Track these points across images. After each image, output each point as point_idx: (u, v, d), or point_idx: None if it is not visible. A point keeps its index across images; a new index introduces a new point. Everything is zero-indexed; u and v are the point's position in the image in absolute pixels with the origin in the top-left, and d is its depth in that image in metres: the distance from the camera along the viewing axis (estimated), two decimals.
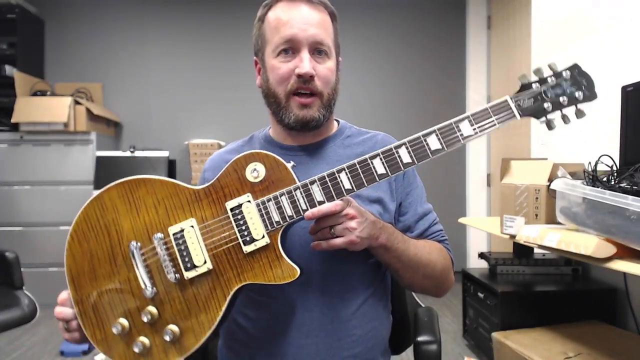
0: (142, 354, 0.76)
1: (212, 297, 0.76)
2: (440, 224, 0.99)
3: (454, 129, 0.74)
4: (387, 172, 0.75)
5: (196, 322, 0.76)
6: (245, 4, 3.71)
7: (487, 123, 0.74)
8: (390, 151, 0.75)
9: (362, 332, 0.87)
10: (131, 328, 0.77)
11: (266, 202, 0.76)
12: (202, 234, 0.77)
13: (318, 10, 0.87)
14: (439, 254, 0.92)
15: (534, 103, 0.73)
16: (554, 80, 0.73)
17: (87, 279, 0.78)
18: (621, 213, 1.07)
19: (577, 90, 0.73)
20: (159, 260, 0.77)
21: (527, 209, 1.57)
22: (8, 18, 3.29)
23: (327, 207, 0.74)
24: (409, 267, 0.86)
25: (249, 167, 0.78)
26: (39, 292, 2.01)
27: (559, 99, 0.73)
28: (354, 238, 0.75)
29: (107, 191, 0.81)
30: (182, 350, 0.76)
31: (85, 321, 0.78)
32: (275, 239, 0.76)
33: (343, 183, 0.75)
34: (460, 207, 3.80)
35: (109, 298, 0.78)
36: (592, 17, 2.03)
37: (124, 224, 0.79)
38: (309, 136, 0.93)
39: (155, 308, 0.77)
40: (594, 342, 1.69)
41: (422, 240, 0.93)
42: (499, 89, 3.57)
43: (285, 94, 0.86)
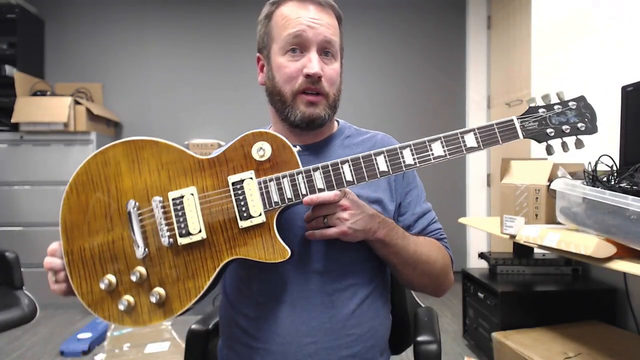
0: (126, 311, 0.77)
1: (202, 266, 0.77)
2: (439, 223, 0.99)
3: (458, 138, 0.76)
4: (388, 170, 0.77)
5: (183, 288, 0.77)
6: (245, 4, 3.71)
7: (491, 138, 0.76)
8: (395, 151, 0.77)
9: (361, 332, 0.87)
10: (118, 285, 0.77)
11: (268, 181, 0.77)
12: (200, 203, 0.78)
13: (326, 12, 0.88)
14: (438, 252, 0.93)
15: (538, 127, 0.76)
16: (560, 108, 0.76)
17: (80, 231, 0.79)
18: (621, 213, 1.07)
19: (580, 121, 0.76)
20: (155, 223, 0.78)
21: (527, 209, 1.57)
22: (8, 18, 3.29)
23: (325, 195, 0.76)
24: (407, 263, 0.87)
25: (255, 145, 0.79)
26: (39, 292, 2.00)
27: (561, 127, 0.76)
28: (345, 229, 0.77)
29: (113, 147, 0.81)
30: (166, 314, 0.77)
31: (72, 272, 0.79)
32: (271, 218, 0.77)
33: (345, 174, 0.77)
34: (460, 207, 3.80)
35: (100, 253, 0.78)
36: (592, 17, 2.03)
37: (124, 181, 0.79)
38: (310, 135, 0.93)
39: (145, 269, 0.77)
40: (594, 342, 1.69)
41: (422, 237, 0.93)
42: (499, 89, 3.57)
43: (292, 93, 0.87)
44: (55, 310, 3.07)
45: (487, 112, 3.77)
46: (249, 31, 0.95)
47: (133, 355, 2.20)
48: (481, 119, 3.78)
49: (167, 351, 2.23)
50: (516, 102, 3.23)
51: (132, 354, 2.21)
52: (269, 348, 0.85)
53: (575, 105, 0.76)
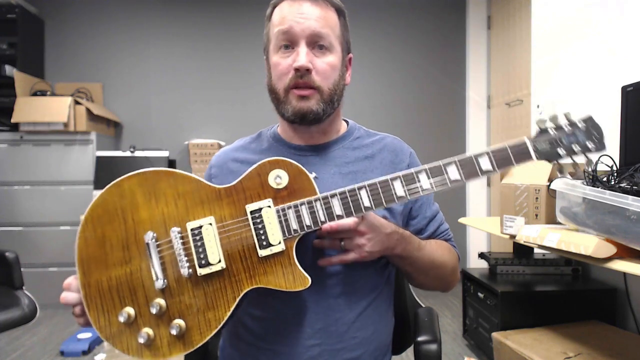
0: (146, 345, 0.75)
1: (222, 296, 0.77)
2: (446, 222, 1.01)
3: (473, 162, 0.77)
4: (406, 195, 0.76)
5: (203, 319, 0.76)
6: (245, 5, 3.71)
7: (505, 161, 0.78)
8: (411, 176, 0.77)
9: (365, 335, 0.88)
10: (137, 318, 0.76)
11: (286, 209, 0.77)
12: (219, 233, 0.78)
13: (320, 6, 0.87)
14: (449, 255, 0.95)
15: (550, 148, 0.78)
16: (569, 128, 0.78)
17: (97, 263, 0.78)
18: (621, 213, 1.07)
19: (589, 140, 0.78)
20: (174, 254, 0.77)
21: (527, 209, 1.57)
22: (8, 18, 3.29)
23: (344, 222, 0.76)
24: (422, 271, 0.89)
25: (272, 173, 0.79)
26: (39, 292, 2.01)
27: (572, 147, 0.78)
28: (364, 254, 0.78)
29: (128, 179, 0.80)
30: (187, 346, 0.76)
31: (90, 305, 0.77)
32: (290, 246, 0.77)
33: (362, 200, 0.76)
34: (460, 207, 3.80)
35: (118, 285, 0.77)
36: (592, 17, 2.03)
37: (141, 213, 0.79)
38: (315, 135, 0.93)
39: (164, 300, 0.76)
40: (594, 342, 1.69)
41: (434, 241, 0.95)
42: (499, 89, 3.57)
43: (284, 89, 0.86)
44: (55, 310, 3.07)
45: (487, 112, 3.77)
46: (249, 31, 0.95)
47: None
48: (481, 119, 3.78)
49: None
50: (516, 102, 3.23)
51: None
52: (274, 348, 0.86)
53: (584, 125, 0.78)
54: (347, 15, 0.96)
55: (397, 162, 0.94)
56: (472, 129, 3.81)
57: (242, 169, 0.91)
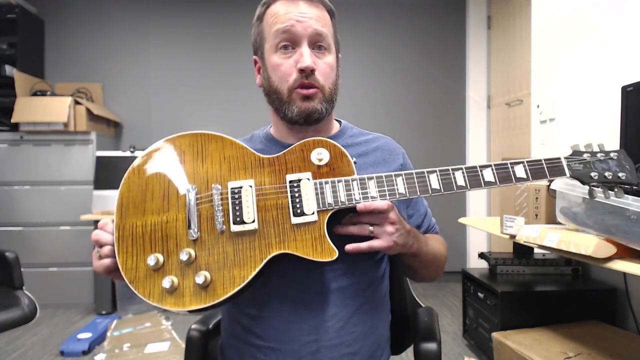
0: (170, 291, 0.76)
1: (251, 255, 0.78)
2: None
3: (508, 168, 0.81)
4: (440, 188, 0.81)
5: (228, 275, 0.77)
6: (245, 4, 3.71)
7: (539, 172, 0.81)
8: (448, 171, 0.81)
9: (362, 330, 0.88)
10: (164, 264, 0.77)
11: (324, 183, 0.80)
12: (257, 195, 0.80)
13: (316, 6, 0.88)
14: (443, 247, 1.00)
15: (582, 169, 0.81)
16: (603, 156, 0.82)
17: (136, 208, 0.80)
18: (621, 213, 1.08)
19: (621, 171, 0.81)
20: (211, 208, 0.79)
21: (527, 209, 1.57)
22: (8, 18, 3.29)
23: (379, 203, 0.78)
24: (425, 265, 0.93)
25: (315, 150, 0.83)
26: (39, 292, 2.01)
27: (604, 173, 0.81)
28: (392, 243, 0.80)
29: (180, 137, 0.85)
30: (208, 299, 0.76)
31: (120, 247, 0.78)
32: (323, 218, 0.79)
33: (398, 186, 0.80)
34: (460, 207, 3.80)
35: (152, 231, 0.79)
36: (592, 17, 2.03)
37: (187, 168, 0.82)
38: (310, 134, 0.93)
39: (194, 251, 0.78)
40: (594, 342, 1.69)
41: (430, 235, 0.99)
42: (499, 89, 3.57)
43: (288, 90, 0.87)
44: (55, 310, 3.08)
45: (487, 112, 3.77)
46: (249, 31, 0.95)
47: (133, 355, 2.20)
48: (481, 119, 3.78)
49: (167, 351, 2.24)
50: (516, 102, 3.23)
51: (132, 354, 2.21)
52: (271, 346, 0.86)
53: (616, 156, 0.81)
54: (347, 16, 0.97)
55: (390, 160, 0.96)
56: (472, 129, 3.81)
57: None
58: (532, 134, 2.55)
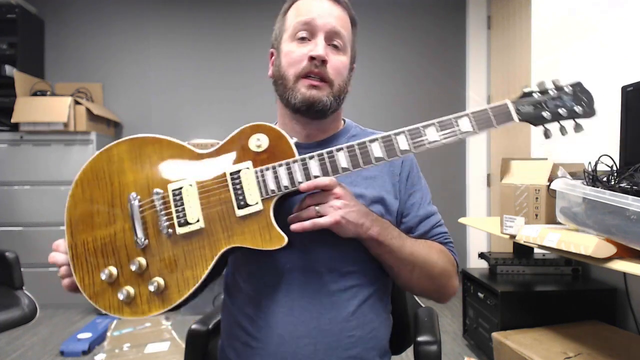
0: (126, 302, 0.78)
1: (201, 255, 0.78)
2: (445, 227, 0.97)
3: (452, 123, 0.78)
4: (383, 156, 0.78)
5: (181, 278, 0.78)
6: (245, 5, 3.71)
7: (486, 122, 0.77)
8: (389, 137, 0.79)
9: (361, 333, 0.87)
10: (119, 276, 0.78)
11: (264, 170, 0.79)
12: (199, 194, 0.79)
13: (341, 8, 0.91)
14: (439, 255, 0.90)
15: (533, 110, 0.76)
16: (555, 92, 0.77)
17: (84, 225, 0.80)
18: (621, 213, 1.07)
19: (577, 104, 0.76)
20: (155, 213, 0.79)
21: (527, 209, 1.57)
22: (8, 18, 3.29)
23: (321, 180, 0.77)
24: (403, 265, 0.85)
25: (253, 137, 0.81)
26: (39, 292, 2.01)
27: (558, 110, 0.76)
28: (338, 218, 0.76)
29: (117, 145, 0.83)
30: (165, 303, 0.78)
31: (76, 265, 0.80)
32: (268, 206, 0.78)
33: (340, 161, 0.78)
34: (460, 207, 3.80)
35: (102, 245, 0.80)
36: (592, 17, 2.03)
37: (127, 176, 0.81)
38: (314, 131, 0.93)
39: (145, 259, 0.78)
40: (594, 342, 1.69)
41: (423, 240, 0.92)
42: (499, 89, 3.57)
43: (295, 76, 0.87)
44: (55, 310, 3.08)
45: None
46: (249, 31, 0.95)
47: (133, 355, 2.20)
48: None
49: (167, 351, 2.24)
50: None
51: (132, 354, 2.21)
52: (267, 348, 0.85)
53: (571, 89, 0.77)
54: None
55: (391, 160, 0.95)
56: None
57: None
58: (532, 133, 2.55)
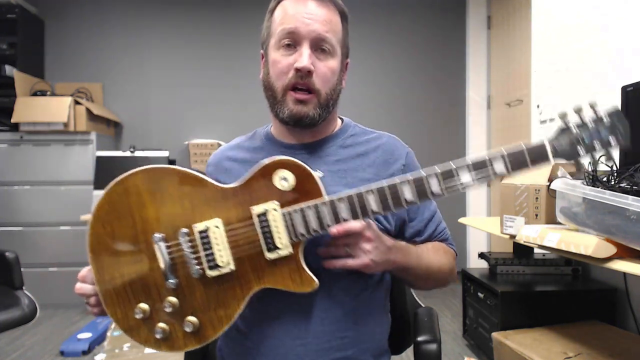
0: (163, 339, 0.78)
1: (232, 296, 0.78)
2: (444, 221, 1.01)
3: (487, 167, 0.73)
4: (415, 200, 0.75)
5: (215, 316, 0.78)
6: (245, 4, 3.71)
7: (521, 164, 0.73)
8: (421, 180, 0.74)
9: (355, 335, 0.86)
10: (152, 313, 0.78)
11: (292, 213, 0.76)
12: (227, 235, 0.78)
13: (326, 7, 0.86)
14: (445, 257, 0.94)
15: (569, 148, 0.73)
16: (594, 126, 0.73)
17: (110, 261, 0.79)
18: (621, 213, 1.07)
19: (611, 135, 0.72)
20: (183, 255, 0.78)
21: (527, 209, 1.57)
22: (8, 18, 3.29)
23: (352, 224, 0.75)
24: (420, 278, 0.90)
25: (278, 175, 0.78)
26: (39, 292, 2.01)
27: (593, 144, 0.73)
28: (367, 261, 0.77)
29: (132, 176, 0.80)
30: (201, 340, 0.79)
31: (106, 300, 0.79)
32: (297, 249, 0.77)
33: (370, 204, 0.75)
34: (460, 207, 3.80)
35: (130, 283, 0.79)
36: (593, 17, 2.03)
37: (149, 212, 0.79)
38: (308, 134, 0.92)
39: (176, 299, 0.78)
40: (594, 342, 1.69)
41: (430, 245, 0.94)
42: (499, 89, 3.57)
43: (282, 88, 0.85)
44: (55, 310, 3.07)
45: (487, 112, 3.77)
46: (249, 31, 0.94)
47: (133, 355, 2.19)
48: (481, 119, 3.78)
49: None
50: (516, 102, 3.23)
51: (132, 354, 2.21)
52: (258, 348, 0.85)
53: (609, 120, 0.72)
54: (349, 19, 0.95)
55: (391, 161, 0.92)
56: (472, 129, 3.81)
57: (235, 167, 0.91)
58: (532, 134, 2.55)
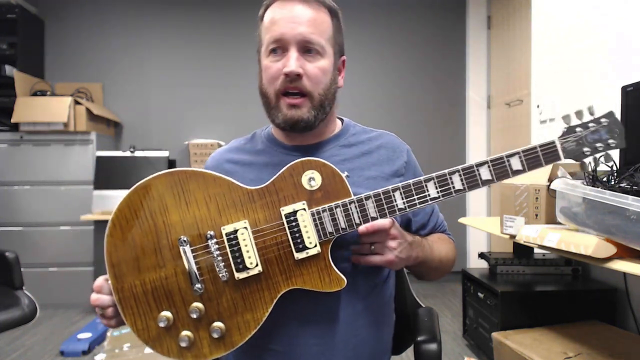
0: (187, 347, 0.76)
1: (260, 298, 0.78)
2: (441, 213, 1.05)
3: (505, 163, 0.77)
4: (439, 196, 0.78)
5: (242, 321, 0.77)
6: (245, 4, 3.71)
7: (535, 161, 0.77)
8: (444, 177, 0.78)
9: (366, 333, 0.88)
10: (175, 321, 0.77)
11: (321, 212, 0.78)
12: (254, 237, 0.78)
13: (312, 7, 0.85)
14: (450, 246, 0.99)
15: (576, 147, 0.78)
16: (595, 126, 0.78)
17: (130, 267, 0.77)
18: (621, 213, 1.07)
19: (610, 137, 0.78)
20: (210, 258, 0.77)
21: (527, 209, 1.57)
22: (8, 18, 3.29)
23: (380, 222, 0.77)
24: (433, 269, 0.94)
25: (305, 175, 0.79)
26: (39, 292, 2.01)
27: (596, 145, 0.78)
28: (392, 257, 0.79)
29: (155, 179, 0.78)
30: (228, 346, 0.77)
31: (125, 310, 0.77)
32: (326, 248, 0.78)
33: (397, 202, 0.78)
34: (460, 207, 3.80)
35: (153, 289, 0.77)
36: (593, 17, 2.03)
37: (172, 216, 0.78)
38: (308, 136, 0.92)
39: (202, 304, 0.77)
40: (594, 342, 1.69)
41: (436, 236, 0.98)
42: (499, 89, 3.57)
43: (274, 94, 0.85)
44: (55, 310, 3.07)
45: (487, 112, 3.77)
46: (249, 31, 0.94)
47: (133, 355, 2.19)
48: (481, 118, 3.78)
49: None
50: (516, 102, 3.23)
51: (132, 354, 2.21)
52: (275, 348, 0.86)
53: (606, 122, 0.78)
54: (347, 16, 0.94)
55: (394, 158, 0.94)
56: (472, 129, 3.81)
57: (237, 170, 0.91)
58: (532, 134, 2.55)
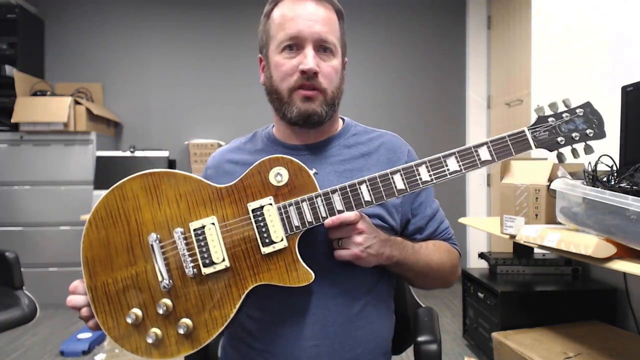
0: (155, 344, 0.77)
1: (227, 294, 0.78)
2: (447, 220, 1.01)
3: (472, 153, 0.77)
4: (406, 188, 0.78)
5: (209, 318, 0.78)
6: (245, 4, 3.71)
7: (504, 150, 0.77)
8: (411, 168, 0.78)
9: (363, 334, 0.87)
10: (144, 318, 0.78)
11: (287, 206, 0.78)
12: (222, 232, 0.79)
13: (324, 7, 0.87)
14: (447, 255, 0.94)
15: (548, 136, 0.78)
16: (569, 116, 0.78)
17: (103, 266, 0.79)
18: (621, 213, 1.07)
19: (588, 127, 0.77)
20: (178, 254, 0.78)
21: (527, 209, 1.57)
22: (8, 18, 3.29)
23: (346, 215, 0.76)
24: (420, 275, 0.90)
25: (272, 171, 0.80)
26: (39, 292, 2.01)
27: (571, 135, 0.78)
28: (358, 252, 0.78)
29: (130, 181, 0.81)
30: (195, 344, 0.78)
31: (97, 308, 0.79)
32: (293, 243, 0.78)
33: (363, 195, 0.78)
34: (460, 207, 3.80)
35: (124, 287, 0.78)
36: (592, 17, 2.03)
37: (144, 215, 0.80)
38: (312, 135, 0.92)
39: (170, 301, 0.78)
40: (594, 342, 1.69)
41: (431, 242, 0.94)
42: (499, 89, 3.57)
43: (288, 90, 0.86)
44: (55, 310, 3.07)
45: (487, 112, 3.77)
46: (249, 31, 0.94)
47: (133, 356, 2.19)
48: (481, 118, 3.78)
49: None
50: (516, 102, 3.23)
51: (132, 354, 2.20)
52: (271, 350, 0.85)
53: (582, 112, 0.78)
54: (347, 16, 0.95)
55: (394, 159, 0.93)
56: (472, 129, 3.81)
57: (237, 170, 0.91)
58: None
